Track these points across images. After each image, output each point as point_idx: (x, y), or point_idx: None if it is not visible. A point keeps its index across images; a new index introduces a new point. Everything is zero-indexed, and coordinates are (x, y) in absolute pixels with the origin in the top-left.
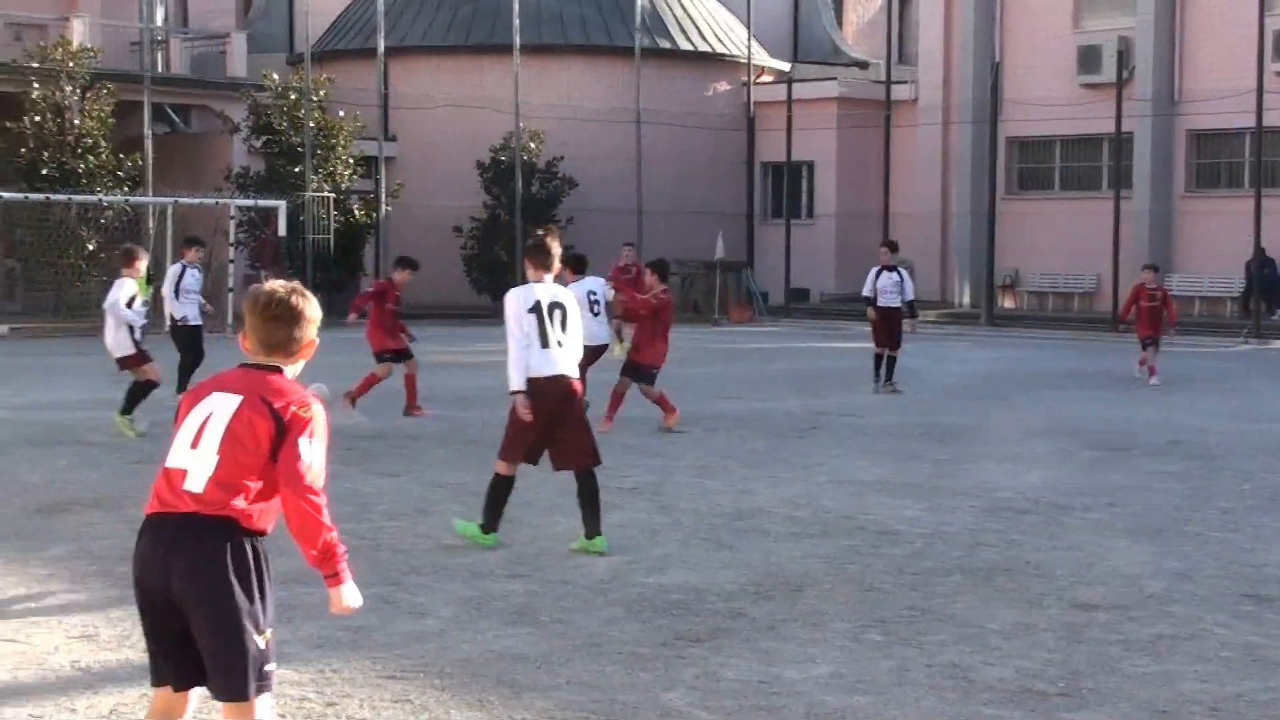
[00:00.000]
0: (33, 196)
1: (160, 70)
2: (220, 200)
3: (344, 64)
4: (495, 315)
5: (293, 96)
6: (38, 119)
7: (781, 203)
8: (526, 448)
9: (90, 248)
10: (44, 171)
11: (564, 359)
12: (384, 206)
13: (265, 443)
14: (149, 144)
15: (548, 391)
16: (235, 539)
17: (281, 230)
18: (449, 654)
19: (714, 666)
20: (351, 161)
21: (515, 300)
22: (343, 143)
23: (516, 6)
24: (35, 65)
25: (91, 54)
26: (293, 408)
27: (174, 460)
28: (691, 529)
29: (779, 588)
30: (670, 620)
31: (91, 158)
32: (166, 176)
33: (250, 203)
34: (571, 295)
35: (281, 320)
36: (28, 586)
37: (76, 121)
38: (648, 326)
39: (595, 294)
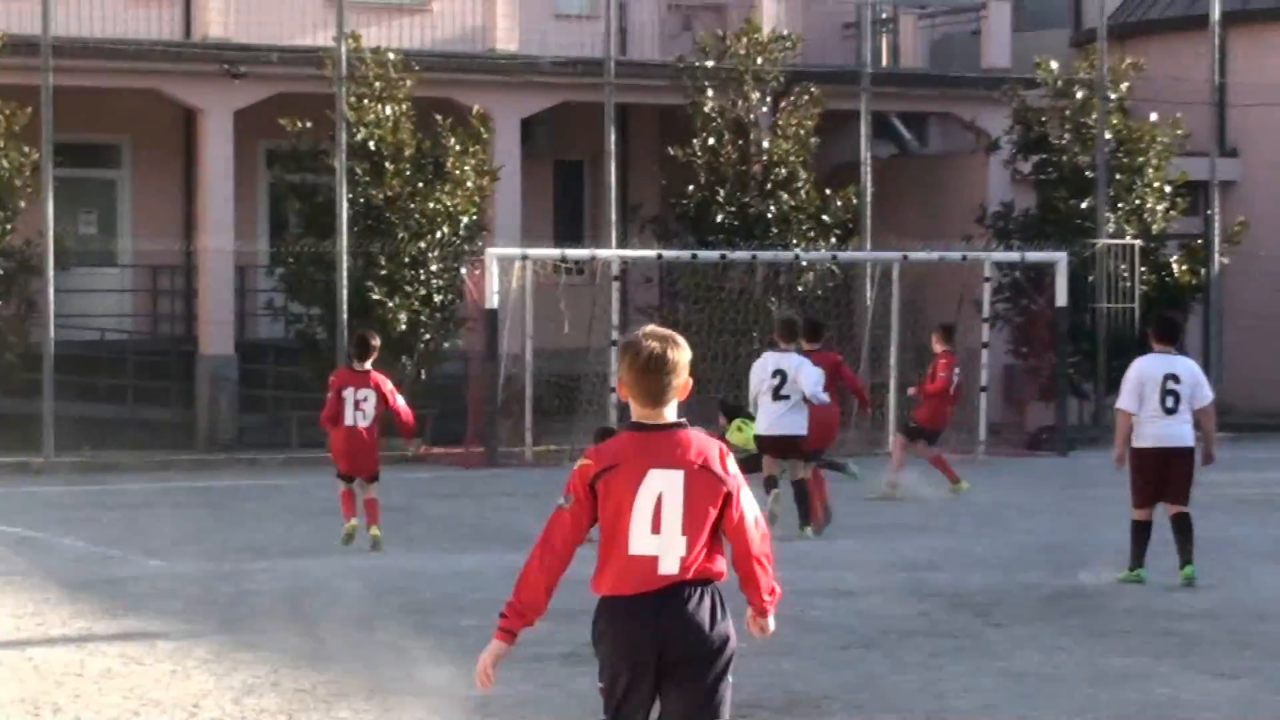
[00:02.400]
0: (704, 255)
1: (884, 64)
2: (969, 254)
3: (1158, 43)
4: None
5: (1079, 95)
6: (711, 141)
7: None
8: None
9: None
10: (719, 218)
11: None
12: (1217, 257)
13: (716, 507)
14: (866, 173)
15: None
16: (712, 592)
17: (1059, 298)
18: None
19: None
20: (1167, 190)
21: None
22: (1154, 163)
23: None
24: (709, 64)
25: (789, 44)
26: (730, 469)
27: (638, 548)
28: None
29: None
30: None
31: (785, 196)
32: (890, 219)
33: (1014, 256)
34: None
35: (659, 372)
36: None
37: (765, 144)
38: None
39: None
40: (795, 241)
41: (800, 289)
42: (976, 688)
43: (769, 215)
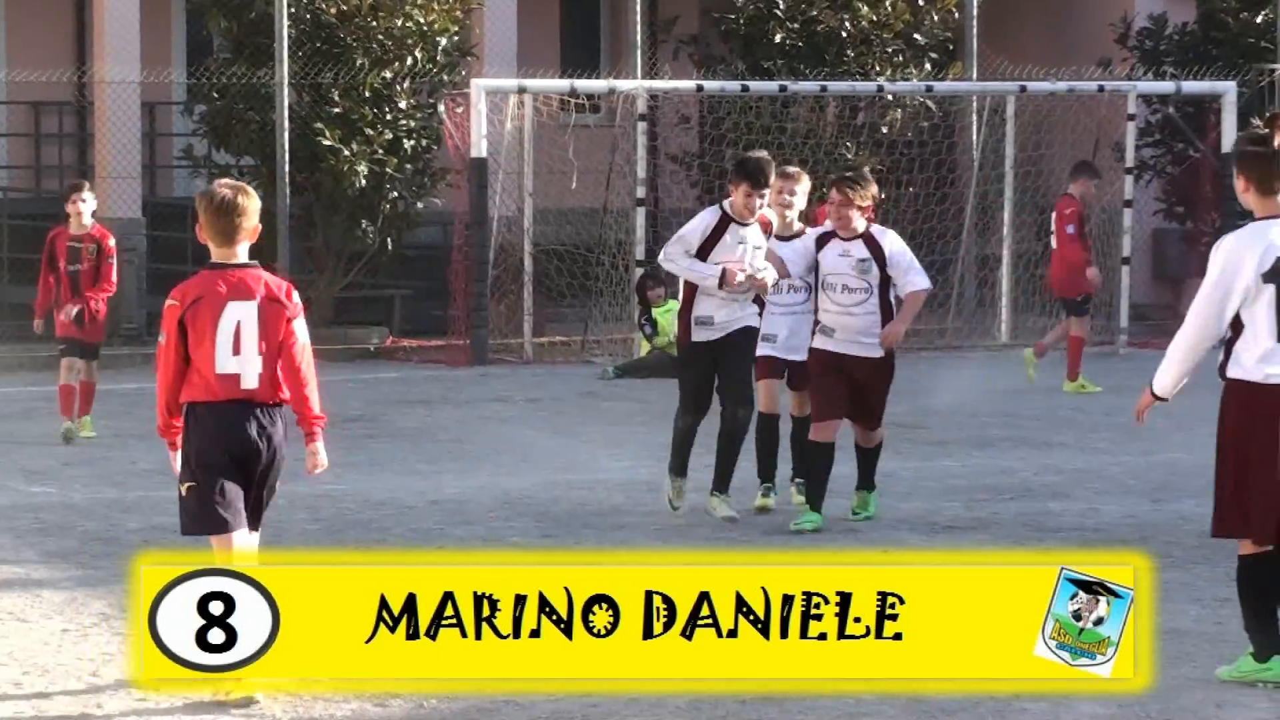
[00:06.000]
0: (757, 86)
1: None
2: (1108, 84)
3: None
4: None
5: None
6: None
7: None
8: None
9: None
10: (777, 38)
11: None
12: None
13: (282, 332)
14: None
15: None
16: (283, 415)
17: (1226, 141)
18: None
19: None
20: None
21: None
22: None
23: None
24: None
25: None
26: (295, 300)
27: (224, 368)
28: None
29: None
30: None
31: (864, 8)
32: (1003, 39)
33: (1167, 86)
34: None
35: (231, 214)
36: None
37: None
38: None
39: None
40: (878, 68)
41: (885, 130)
42: None
43: (843, 34)
